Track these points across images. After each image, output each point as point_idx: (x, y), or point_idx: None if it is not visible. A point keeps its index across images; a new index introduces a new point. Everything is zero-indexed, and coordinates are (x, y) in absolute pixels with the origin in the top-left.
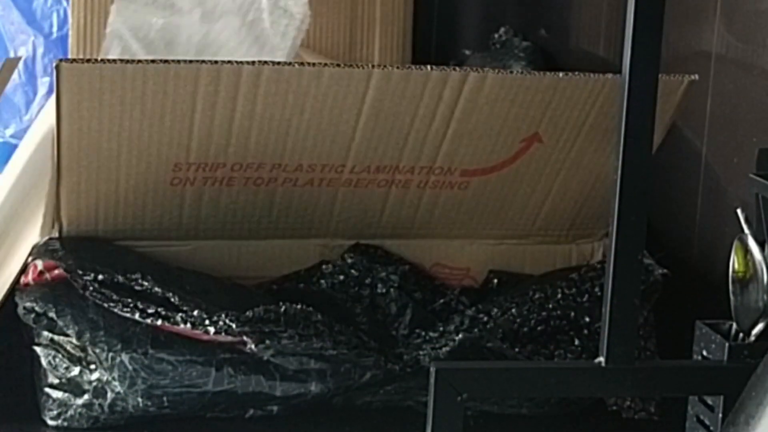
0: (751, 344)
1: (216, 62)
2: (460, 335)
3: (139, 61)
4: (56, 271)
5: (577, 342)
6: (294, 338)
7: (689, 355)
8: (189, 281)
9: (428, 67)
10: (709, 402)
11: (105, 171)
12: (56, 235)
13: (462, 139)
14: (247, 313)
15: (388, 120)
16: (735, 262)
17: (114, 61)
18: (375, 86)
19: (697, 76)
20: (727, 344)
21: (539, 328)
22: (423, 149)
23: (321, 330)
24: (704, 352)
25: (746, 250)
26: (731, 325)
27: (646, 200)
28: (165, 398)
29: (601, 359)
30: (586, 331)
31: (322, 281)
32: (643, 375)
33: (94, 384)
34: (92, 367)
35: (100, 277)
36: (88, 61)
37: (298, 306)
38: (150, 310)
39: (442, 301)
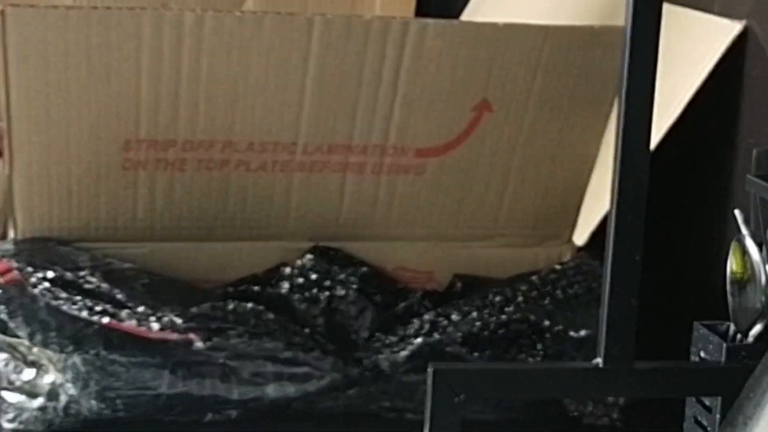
0: (749, 345)
1: (157, 9)
2: (420, 339)
3: (82, 7)
4: (9, 274)
5: (539, 346)
6: (243, 336)
7: (687, 356)
8: (141, 281)
9: (369, 15)
10: (707, 403)
11: (56, 151)
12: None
13: (411, 107)
14: (193, 309)
15: (334, 84)
16: (733, 264)
17: (57, 6)
18: (317, 38)
19: None
20: (725, 345)
21: (500, 331)
22: (373, 122)
23: (273, 329)
24: (702, 353)
25: (744, 252)
26: (729, 326)
27: (643, 200)
28: (119, 401)
29: (599, 360)
30: (548, 335)
31: (281, 284)
32: (640, 376)
33: (48, 387)
34: (46, 369)
35: (50, 274)
36: (32, 6)
37: (249, 304)
38: (98, 308)
39: (403, 304)
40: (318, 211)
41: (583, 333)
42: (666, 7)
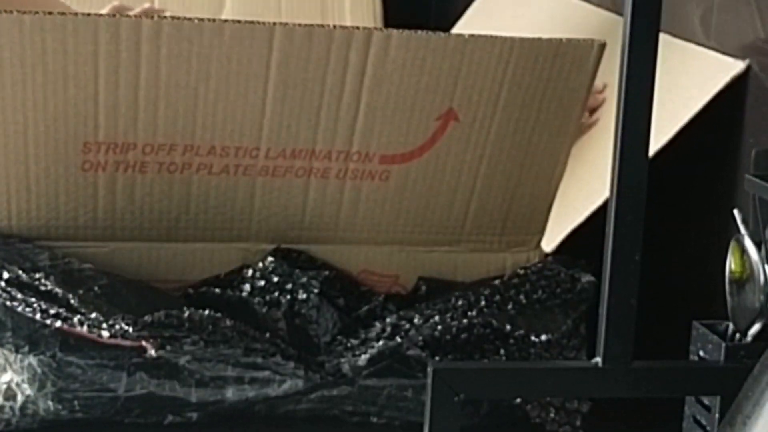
0: (748, 345)
1: (114, 16)
2: (381, 343)
3: (36, 12)
4: None
5: (502, 351)
6: (198, 344)
7: (686, 355)
8: (99, 283)
9: (331, 25)
10: (706, 402)
11: (13, 151)
12: None
13: (375, 114)
14: (146, 317)
15: (297, 90)
16: (732, 263)
17: (11, 11)
18: (278, 47)
19: (605, 41)
20: (723, 345)
21: (462, 336)
22: (337, 128)
23: (230, 336)
24: (701, 353)
25: (743, 251)
26: (728, 326)
27: (642, 200)
28: (76, 402)
29: (598, 359)
30: (511, 341)
31: (243, 286)
32: (639, 375)
33: (5, 386)
34: (3, 368)
35: (6, 275)
36: None
37: (206, 311)
38: (52, 311)
39: (367, 307)
40: (282, 214)
41: (544, 337)
42: (664, 38)
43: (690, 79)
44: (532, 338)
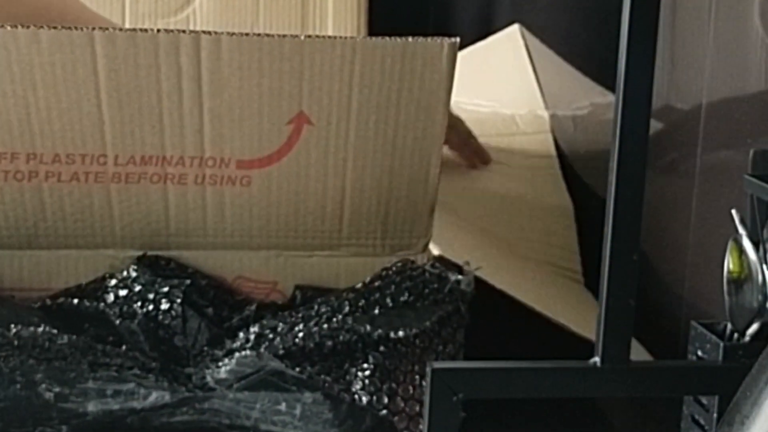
0: (746, 344)
1: None
2: (242, 353)
3: None
4: None
5: (371, 360)
6: (26, 362)
7: (684, 355)
8: None
9: (155, 29)
10: (704, 402)
11: None
12: None
13: (222, 120)
14: None
15: (132, 96)
16: (730, 263)
17: None
18: (102, 53)
19: (457, 39)
20: (722, 344)
21: (327, 343)
22: (184, 133)
23: (68, 353)
24: (699, 353)
25: (741, 251)
26: (726, 326)
27: (640, 200)
28: None
29: (596, 359)
30: (382, 348)
31: (106, 296)
32: (638, 375)
33: None
34: None
35: None
36: None
37: (40, 328)
38: None
39: (238, 317)
40: (145, 220)
41: (402, 333)
42: None
43: None
44: (390, 335)
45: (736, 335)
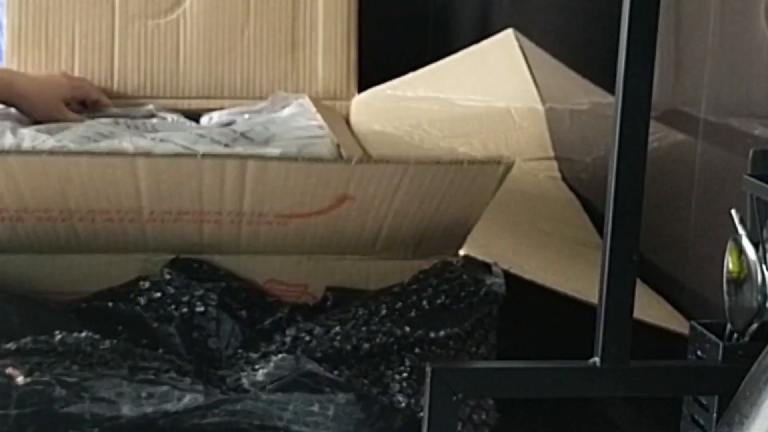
0: (746, 344)
1: None
2: (280, 356)
3: None
4: None
5: (407, 362)
6: (71, 368)
7: (684, 355)
8: None
9: (199, 156)
10: (704, 402)
11: None
12: None
13: (263, 200)
14: (9, 345)
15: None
16: (729, 263)
17: None
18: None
19: (514, 160)
20: (721, 344)
21: (364, 346)
22: (223, 200)
23: (109, 359)
24: (699, 352)
25: (740, 251)
26: (726, 326)
27: (639, 200)
28: None
29: (596, 359)
30: (417, 350)
31: (139, 299)
32: (638, 375)
33: None
34: None
35: None
36: None
37: (83, 333)
38: None
39: (271, 319)
40: (178, 234)
41: (442, 333)
42: None
43: None
44: (431, 335)
45: (735, 335)
